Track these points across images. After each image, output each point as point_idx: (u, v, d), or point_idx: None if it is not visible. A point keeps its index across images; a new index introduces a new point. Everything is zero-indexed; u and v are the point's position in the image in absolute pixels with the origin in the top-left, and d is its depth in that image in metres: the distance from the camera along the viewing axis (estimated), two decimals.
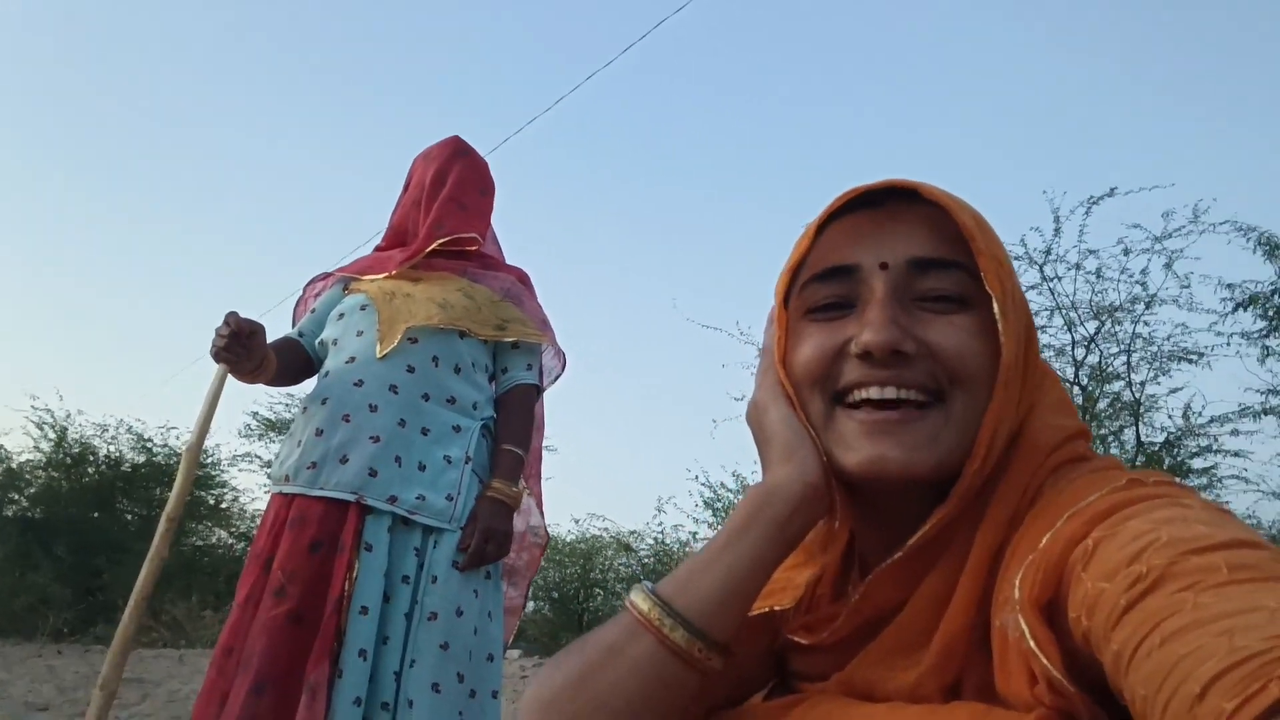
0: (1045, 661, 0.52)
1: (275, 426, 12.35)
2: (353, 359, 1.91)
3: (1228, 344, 6.80)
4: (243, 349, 1.86)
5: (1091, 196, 6.78)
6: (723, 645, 0.64)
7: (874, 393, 0.64)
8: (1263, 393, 6.74)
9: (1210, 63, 16.10)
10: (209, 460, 12.57)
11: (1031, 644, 0.53)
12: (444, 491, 1.85)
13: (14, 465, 11.99)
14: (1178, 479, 0.62)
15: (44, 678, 6.14)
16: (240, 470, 14.86)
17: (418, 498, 1.81)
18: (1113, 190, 6.73)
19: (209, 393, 1.98)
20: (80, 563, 11.12)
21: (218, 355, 1.87)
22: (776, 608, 0.74)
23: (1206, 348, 6.85)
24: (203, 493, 12.49)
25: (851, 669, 0.68)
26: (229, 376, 1.97)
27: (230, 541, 13.03)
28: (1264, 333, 6.68)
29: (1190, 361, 6.93)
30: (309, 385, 2.10)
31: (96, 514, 11.93)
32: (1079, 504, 0.57)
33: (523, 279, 2.21)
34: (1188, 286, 6.74)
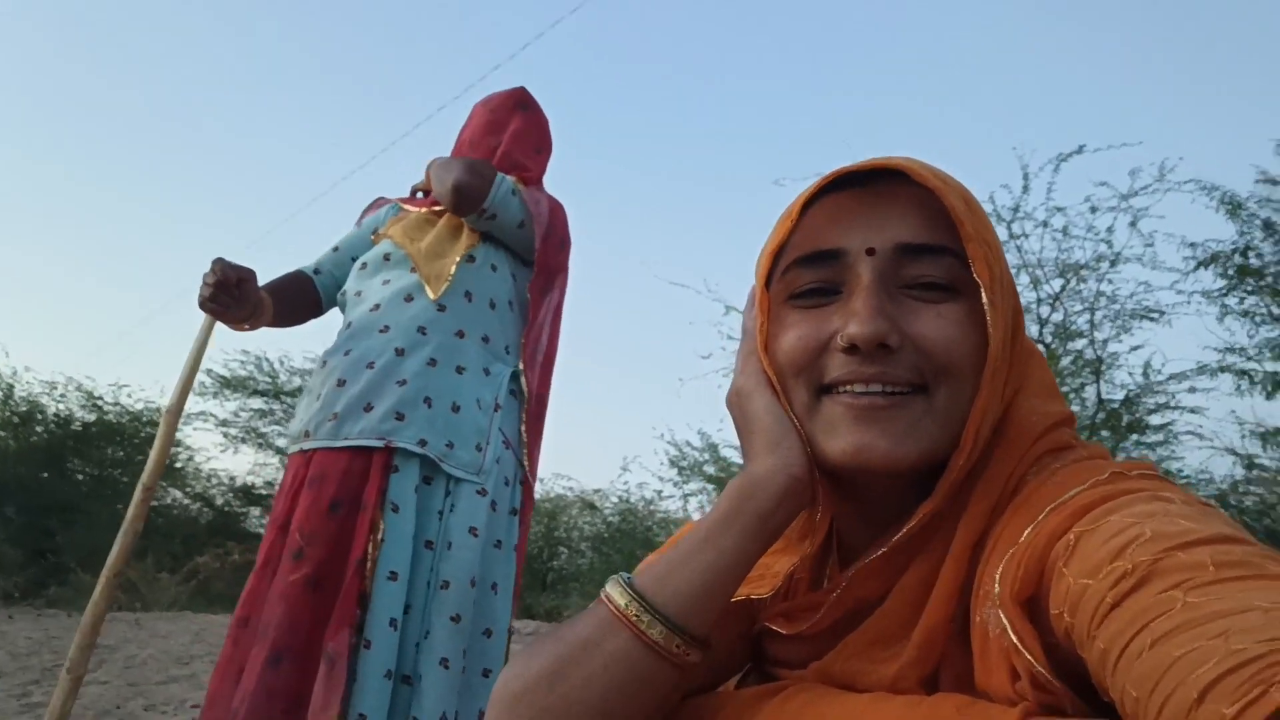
0: (1029, 657, 0.52)
1: (230, 384, 12.10)
2: (377, 306, 1.81)
3: (1188, 302, 6.88)
4: (230, 298, 1.75)
5: (1061, 154, 6.80)
6: (701, 640, 0.63)
7: (859, 389, 0.63)
8: (1220, 350, 6.85)
9: (1177, 22, 16.19)
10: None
11: (1014, 639, 0.53)
12: (473, 440, 1.74)
13: None
14: (1160, 470, 0.61)
15: None
16: (195, 429, 14.60)
17: (447, 444, 1.70)
18: (1081, 148, 6.75)
19: (194, 346, 1.86)
20: (30, 524, 10.89)
21: (204, 304, 1.76)
22: (754, 596, 0.73)
23: (1168, 305, 6.93)
24: None
25: (831, 659, 0.67)
26: (216, 326, 1.86)
27: (186, 502, 12.83)
28: (1223, 291, 6.76)
29: (1151, 319, 7.02)
30: (331, 334, 1.95)
31: (46, 474, 11.65)
32: (1061, 497, 0.56)
33: (553, 205, 2.01)
34: (1151, 245, 6.80)
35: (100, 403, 12.17)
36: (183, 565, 9.61)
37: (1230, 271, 6.69)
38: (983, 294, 0.62)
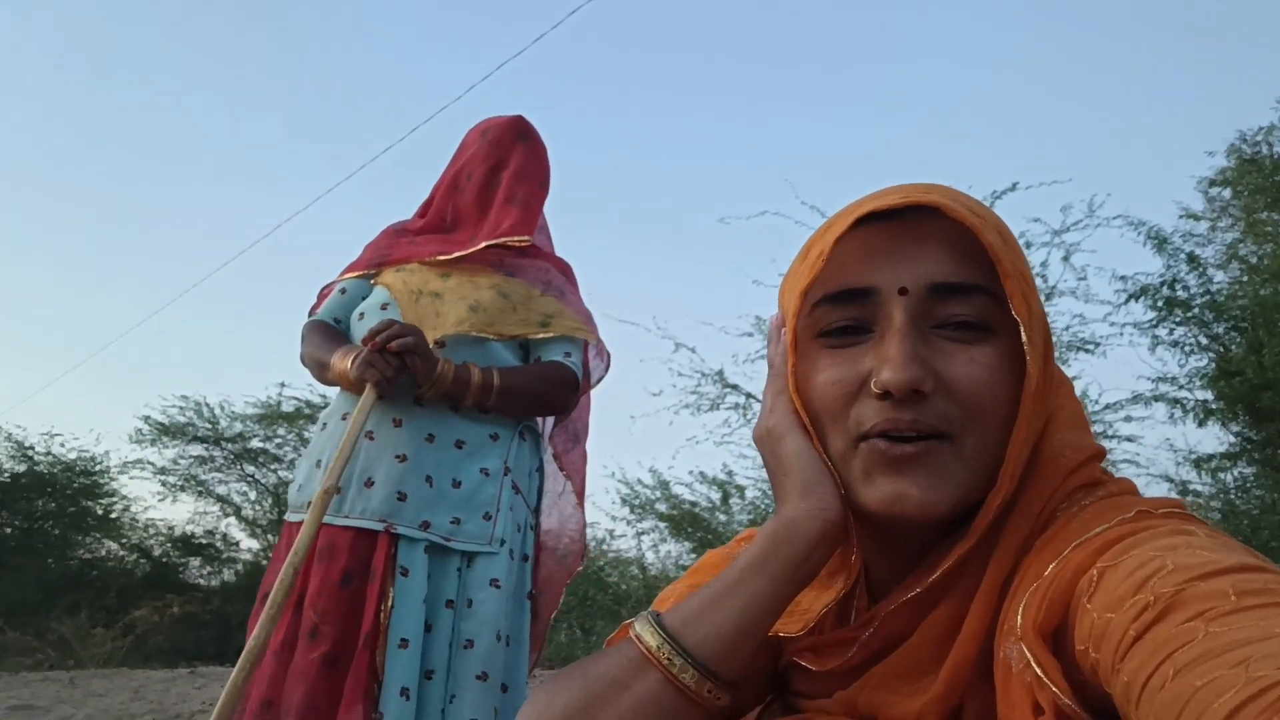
0: (1054, 689, 0.52)
1: (168, 431, 11.76)
2: None
3: (1121, 334, 7.11)
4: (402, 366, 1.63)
5: (995, 191, 7.00)
6: (732, 684, 0.62)
7: (893, 434, 0.63)
8: (1153, 380, 7.08)
9: (1107, 60, 16.90)
10: (97, 468, 11.91)
11: (1038, 671, 0.52)
12: (480, 511, 1.67)
13: None
14: (1187, 506, 0.61)
15: None
16: (131, 478, 14.14)
17: (453, 521, 1.64)
18: (1015, 185, 6.97)
19: (353, 425, 1.62)
20: None
21: (382, 384, 1.61)
22: (784, 634, 0.72)
23: (1102, 337, 7.15)
24: (90, 502, 11.84)
25: (855, 690, 0.66)
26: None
27: (121, 554, 12.39)
28: (1154, 323, 7.00)
29: (1087, 351, 7.22)
30: (329, 392, 1.85)
31: None
32: (1087, 534, 0.56)
33: (565, 270, 2.00)
34: (1084, 279, 7.03)
35: (31, 453, 11.74)
36: (118, 619, 9.25)
37: (1159, 304, 6.95)
38: (1022, 333, 0.61)
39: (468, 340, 1.74)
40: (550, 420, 2.01)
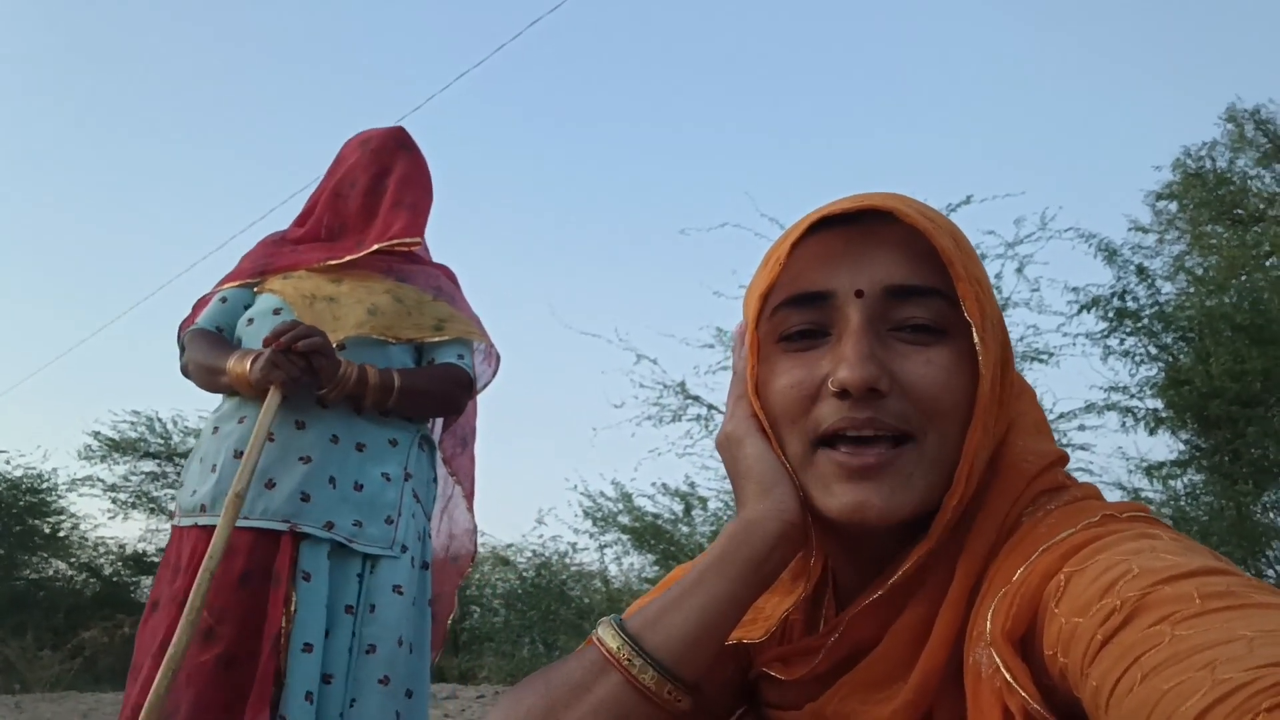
0: (1023, 694, 0.52)
1: (119, 447, 11.51)
2: None
3: (1074, 344, 7.26)
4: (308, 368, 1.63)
5: (950, 204, 7.11)
6: (692, 686, 0.62)
7: (852, 436, 0.63)
8: (1105, 390, 7.21)
9: (1059, 76, 17.29)
10: (45, 485, 11.60)
11: (1008, 676, 0.53)
12: (383, 514, 1.69)
13: None
14: (1152, 511, 0.62)
15: None
16: (80, 495, 13.79)
17: (355, 524, 1.65)
18: (969, 198, 7.08)
19: (260, 428, 1.60)
20: None
21: (288, 385, 1.61)
22: (747, 640, 0.72)
23: (1056, 348, 7.27)
24: (37, 521, 11.52)
25: (825, 700, 0.67)
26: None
27: (69, 573, 12.07)
28: (1105, 333, 7.14)
29: (1042, 361, 7.34)
30: (213, 401, 1.84)
31: None
32: (1054, 538, 0.57)
33: (451, 277, 2.04)
34: (1037, 290, 7.14)
35: None
36: (66, 641, 9.00)
37: (1110, 314, 7.09)
38: (974, 334, 0.63)
39: (367, 343, 1.76)
40: (439, 426, 2.06)
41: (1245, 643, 0.40)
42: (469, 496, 2.14)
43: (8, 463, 11.45)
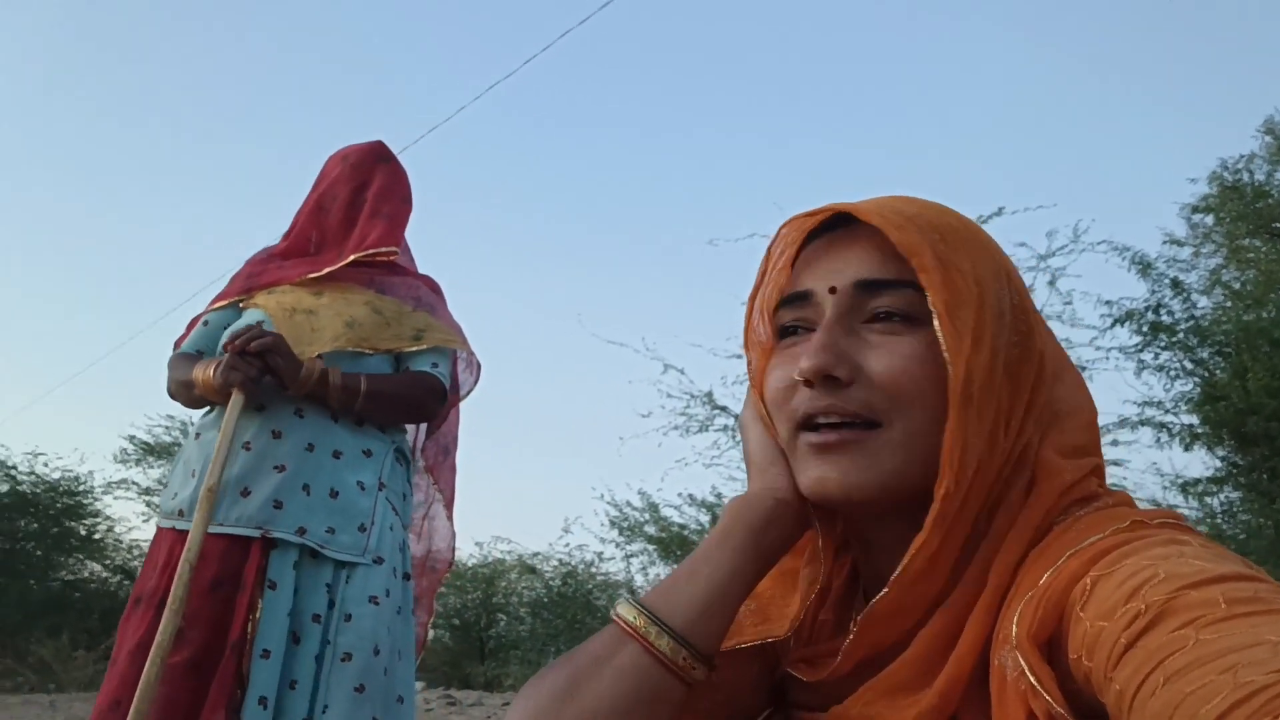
0: (1047, 698, 0.52)
1: (154, 451, 11.71)
2: None
3: (1107, 358, 7.15)
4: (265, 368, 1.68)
5: (981, 215, 7.05)
6: (707, 656, 0.65)
7: (821, 420, 0.67)
8: (1139, 404, 7.11)
9: (1092, 87, 17.12)
10: (81, 488, 11.80)
11: (1032, 679, 0.53)
12: (356, 522, 1.72)
13: None
14: (1183, 518, 0.62)
15: None
16: (115, 498, 14.02)
17: (328, 530, 1.68)
18: (1000, 209, 7.03)
19: (225, 429, 1.66)
20: None
21: (247, 386, 1.65)
22: (770, 638, 0.74)
23: (1088, 362, 7.17)
24: (74, 523, 11.72)
25: (850, 702, 0.67)
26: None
27: (104, 575, 12.27)
28: (1139, 347, 7.05)
29: None
30: (195, 411, 1.90)
31: None
32: (1081, 543, 0.58)
33: (434, 287, 2.09)
34: (1070, 303, 7.07)
35: (14, 473, 11.63)
36: (100, 642, 9.13)
37: (1144, 328, 7.00)
38: (935, 323, 0.64)
39: (345, 355, 1.80)
40: (422, 434, 2.10)
41: (1270, 647, 0.41)
42: (449, 505, 2.19)
43: (45, 465, 11.69)
